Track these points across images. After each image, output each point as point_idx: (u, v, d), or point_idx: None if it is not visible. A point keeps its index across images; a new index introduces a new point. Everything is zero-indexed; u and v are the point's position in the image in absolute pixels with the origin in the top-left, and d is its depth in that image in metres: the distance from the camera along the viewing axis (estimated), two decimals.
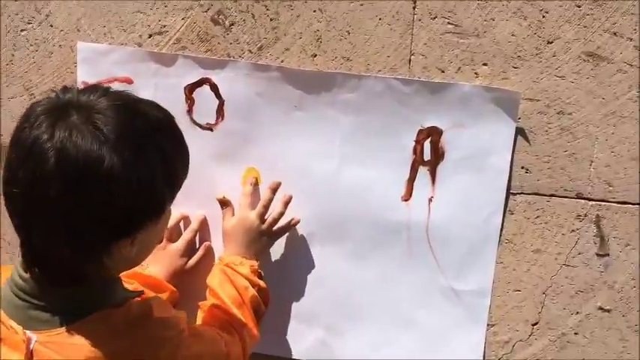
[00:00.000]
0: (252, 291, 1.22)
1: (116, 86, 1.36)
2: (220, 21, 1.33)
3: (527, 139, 1.27)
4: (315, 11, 1.29)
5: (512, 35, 1.24)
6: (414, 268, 1.33)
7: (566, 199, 1.27)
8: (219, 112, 1.34)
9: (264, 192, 1.32)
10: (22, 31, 1.41)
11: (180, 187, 0.97)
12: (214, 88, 1.33)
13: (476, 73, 1.26)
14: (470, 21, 1.25)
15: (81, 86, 1.38)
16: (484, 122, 1.26)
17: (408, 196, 1.31)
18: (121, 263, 0.94)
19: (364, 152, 1.31)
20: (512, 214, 1.30)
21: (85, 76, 1.39)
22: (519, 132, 1.26)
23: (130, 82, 1.37)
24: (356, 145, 1.31)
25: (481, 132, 1.27)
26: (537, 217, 1.29)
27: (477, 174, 1.28)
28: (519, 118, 1.26)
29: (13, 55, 1.43)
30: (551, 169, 1.27)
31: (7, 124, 1.46)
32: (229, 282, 1.22)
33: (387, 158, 1.31)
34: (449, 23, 1.25)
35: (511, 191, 1.29)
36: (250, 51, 1.33)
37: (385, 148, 1.30)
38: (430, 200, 1.31)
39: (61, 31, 1.39)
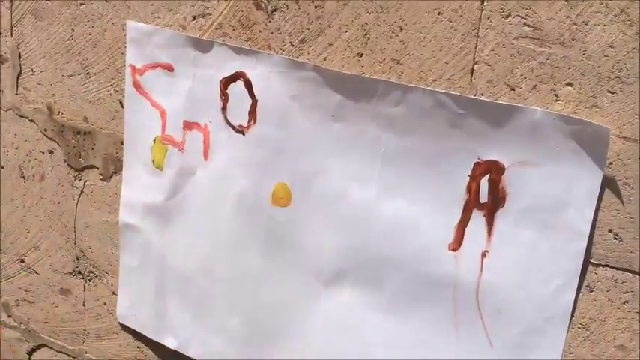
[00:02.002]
0: None
1: (158, 72, 1.44)
2: (263, 5, 1.31)
3: (619, 195, 1.06)
4: None
5: (611, 47, 1.03)
6: (458, 337, 1.22)
7: None
8: (252, 114, 1.34)
9: None
10: (81, 4, 1.55)
11: None
12: (248, 85, 1.33)
13: (556, 95, 1.08)
14: (554, 23, 1.06)
15: (128, 69, 1.49)
16: (560, 164, 1.09)
17: (456, 244, 1.20)
18: None
19: (408, 182, 1.22)
20: (592, 291, 1.11)
21: (132, 58, 1.48)
22: (608, 183, 1.06)
23: (170, 69, 1.43)
24: (399, 172, 1.22)
25: (555, 176, 1.10)
26: (626, 301, 1.09)
27: (546, 231, 1.12)
28: (610, 164, 1.05)
29: (73, 31, 1.58)
30: None
31: (65, 102, 1.63)
32: None
33: (435, 193, 1.20)
34: (526, 24, 1.08)
35: (591, 261, 1.10)
36: (291, 43, 1.29)
37: (433, 181, 1.20)
38: (484, 255, 1.18)
39: (114, 6, 1.50)
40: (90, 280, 1.73)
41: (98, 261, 1.70)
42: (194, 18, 1.41)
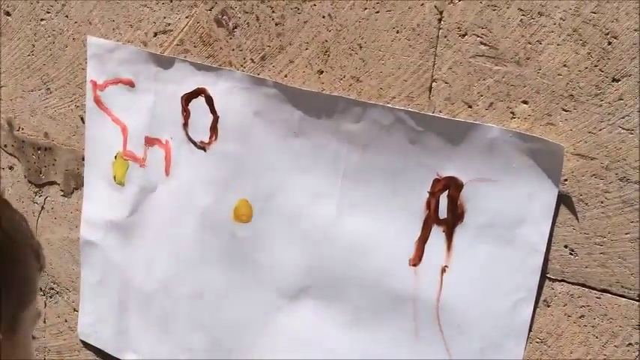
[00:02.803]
0: None
1: (119, 88, 1.43)
2: (224, 22, 1.31)
3: (573, 211, 1.08)
4: (324, 17, 1.22)
5: (565, 66, 1.05)
6: (419, 352, 1.23)
7: (623, 299, 1.07)
8: (213, 130, 1.34)
9: None
10: (41, 20, 1.53)
11: None
12: (209, 101, 1.33)
13: (512, 113, 1.10)
14: (509, 42, 1.08)
15: (89, 85, 1.47)
16: (516, 180, 1.10)
17: (417, 260, 1.20)
18: None
19: (368, 198, 1.22)
20: (549, 306, 1.12)
21: (93, 74, 1.47)
22: (563, 199, 1.08)
23: (132, 85, 1.42)
24: (360, 188, 1.23)
25: (512, 193, 1.11)
26: (582, 316, 1.10)
27: (503, 247, 1.13)
28: (565, 180, 1.07)
29: (33, 46, 1.56)
30: (605, 255, 1.07)
31: (25, 118, 1.61)
32: None
33: (395, 209, 1.21)
34: (482, 43, 1.10)
35: (548, 276, 1.12)
36: (252, 60, 1.30)
37: (393, 197, 1.20)
38: (443, 270, 1.18)
39: (75, 22, 1.49)
40: (51, 297, 1.71)
41: (59, 277, 1.68)
42: (155, 34, 1.40)
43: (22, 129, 1.64)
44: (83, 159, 1.54)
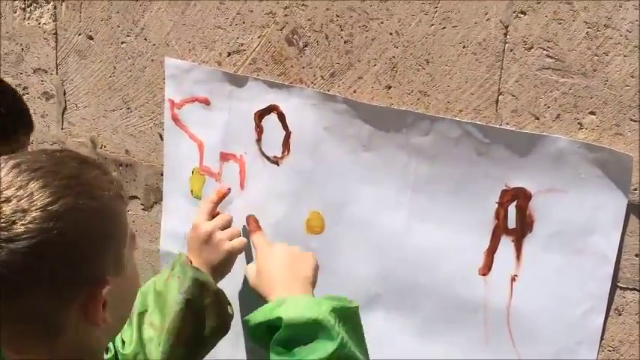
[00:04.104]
0: None
1: (195, 106, 1.50)
2: (294, 41, 1.36)
3: None
4: (391, 34, 1.26)
5: (632, 77, 1.06)
6: (490, 358, 1.24)
7: None
8: (286, 145, 1.39)
9: None
10: (122, 43, 1.62)
11: None
12: (282, 118, 1.38)
13: (580, 124, 1.11)
14: (575, 55, 1.09)
15: (167, 104, 1.55)
16: (585, 190, 1.12)
17: (486, 269, 1.23)
18: None
19: (438, 208, 1.26)
20: (620, 315, 1.13)
21: (171, 93, 1.54)
22: (633, 209, 1.09)
23: (207, 103, 1.49)
24: (429, 199, 1.26)
25: (580, 202, 1.12)
26: None
27: (573, 256, 1.15)
28: (634, 190, 1.08)
29: (115, 68, 1.65)
30: None
31: (108, 136, 1.70)
32: None
33: (464, 219, 1.23)
34: (548, 56, 1.12)
35: (619, 284, 1.12)
36: (322, 77, 1.34)
37: (462, 207, 1.23)
38: (513, 279, 1.20)
39: (153, 44, 1.57)
40: None
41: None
42: (229, 54, 1.46)
43: (105, 147, 1.73)
44: (162, 174, 1.62)
